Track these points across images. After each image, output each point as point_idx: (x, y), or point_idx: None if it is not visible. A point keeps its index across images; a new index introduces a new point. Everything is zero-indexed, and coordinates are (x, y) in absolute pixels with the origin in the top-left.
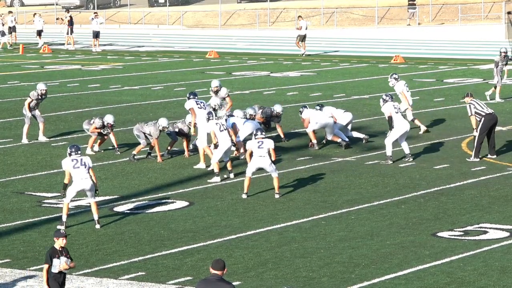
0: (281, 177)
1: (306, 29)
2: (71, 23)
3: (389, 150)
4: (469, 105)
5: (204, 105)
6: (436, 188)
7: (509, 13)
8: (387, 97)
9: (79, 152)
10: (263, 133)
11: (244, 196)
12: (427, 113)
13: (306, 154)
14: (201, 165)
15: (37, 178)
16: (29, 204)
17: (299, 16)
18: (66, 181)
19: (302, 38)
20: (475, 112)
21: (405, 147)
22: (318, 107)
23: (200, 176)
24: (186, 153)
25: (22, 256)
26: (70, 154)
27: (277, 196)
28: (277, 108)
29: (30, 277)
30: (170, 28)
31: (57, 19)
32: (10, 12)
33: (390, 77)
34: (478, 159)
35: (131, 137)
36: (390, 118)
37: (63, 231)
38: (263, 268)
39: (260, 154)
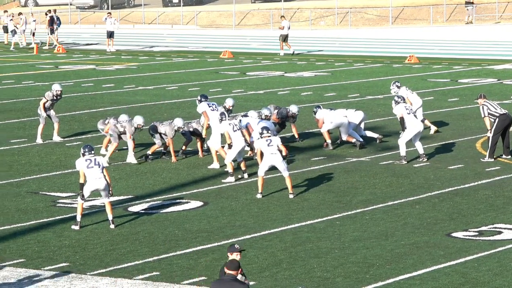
0: (296, 177)
1: (289, 29)
2: (51, 23)
3: (403, 151)
4: (482, 107)
5: (216, 107)
6: (450, 188)
7: None
8: (399, 98)
9: (92, 152)
10: (269, 131)
11: (259, 196)
12: (441, 113)
13: (320, 154)
14: (215, 165)
15: (51, 178)
16: (44, 204)
17: (282, 16)
18: (81, 180)
19: (285, 38)
20: (489, 113)
21: (419, 147)
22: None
23: (214, 176)
24: (200, 153)
25: (36, 256)
26: (83, 154)
27: (291, 196)
28: (293, 109)
29: (45, 277)
30: (184, 28)
31: (47, 13)
32: (5, 11)
33: (392, 85)
34: (493, 159)
35: (146, 137)
36: (402, 119)
37: (237, 246)
38: (277, 268)
39: (272, 152)
